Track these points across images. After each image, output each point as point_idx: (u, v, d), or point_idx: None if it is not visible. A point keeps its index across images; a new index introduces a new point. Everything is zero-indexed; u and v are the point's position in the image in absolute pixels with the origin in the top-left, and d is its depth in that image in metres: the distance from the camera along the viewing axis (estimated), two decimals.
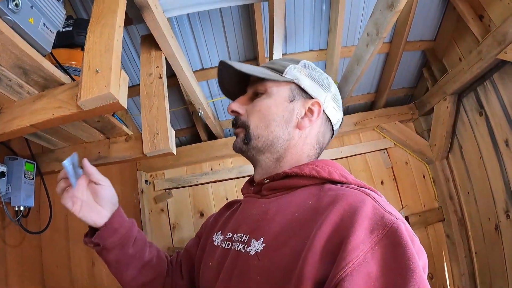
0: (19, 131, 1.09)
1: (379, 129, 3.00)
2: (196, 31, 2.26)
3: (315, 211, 0.65)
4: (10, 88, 1.07)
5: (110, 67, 0.92)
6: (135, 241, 0.95)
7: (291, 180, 0.77)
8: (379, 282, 0.51)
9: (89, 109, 0.96)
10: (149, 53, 1.59)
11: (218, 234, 0.86)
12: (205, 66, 2.57)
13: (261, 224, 0.71)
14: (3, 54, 0.91)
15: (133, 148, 1.44)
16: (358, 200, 0.61)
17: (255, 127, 0.82)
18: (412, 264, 0.50)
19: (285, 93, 0.83)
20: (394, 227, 0.55)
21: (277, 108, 0.82)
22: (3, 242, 1.39)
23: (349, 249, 0.53)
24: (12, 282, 1.38)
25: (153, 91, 1.47)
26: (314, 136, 0.85)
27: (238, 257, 0.69)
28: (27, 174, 1.42)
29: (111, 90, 0.89)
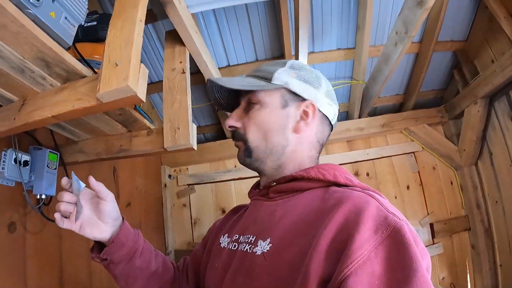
0: (41, 122, 1.12)
1: (407, 131, 2.91)
2: (222, 27, 2.25)
3: (320, 212, 0.66)
4: (33, 80, 1.10)
5: (129, 60, 0.92)
6: (142, 253, 0.96)
7: (297, 183, 0.78)
8: (382, 280, 0.52)
9: (108, 102, 0.97)
10: (173, 48, 1.59)
11: (224, 236, 0.87)
12: (231, 63, 2.55)
13: (268, 225, 0.73)
14: (25, 47, 0.93)
15: (154, 142, 1.45)
16: (363, 202, 0.63)
17: (253, 140, 0.84)
18: (415, 263, 0.51)
19: (277, 100, 0.83)
20: (397, 227, 0.56)
21: (271, 117, 0.83)
22: (24, 229, 1.43)
23: (353, 248, 0.54)
24: (31, 269, 1.42)
25: (175, 86, 1.47)
26: (313, 136, 0.86)
27: (245, 257, 0.70)
28: (50, 164, 1.45)
29: (129, 83, 0.89)
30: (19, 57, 0.98)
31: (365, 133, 2.82)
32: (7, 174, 1.30)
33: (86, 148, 1.63)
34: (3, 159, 1.31)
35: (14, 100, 1.23)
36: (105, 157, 1.56)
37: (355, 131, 2.81)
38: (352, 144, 2.91)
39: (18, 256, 1.38)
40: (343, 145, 2.90)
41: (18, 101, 1.21)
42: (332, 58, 2.50)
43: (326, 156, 2.82)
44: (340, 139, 2.83)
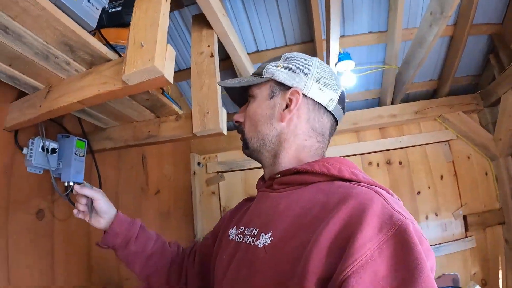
0: (66, 107, 1.09)
1: (441, 119, 2.79)
2: (250, 12, 2.20)
3: (324, 207, 0.65)
4: (57, 66, 1.07)
5: (155, 40, 0.88)
6: (136, 239, 1.09)
7: (301, 176, 0.78)
8: (385, 281, 0.51)
9: (134, 84, 0.93)
10: (200, 32, 1.54)
11: (233, 228, 0.87)
12: (260, 48, 2.51)
13: (270, 218, 0.74)
14: (47, 31, 0.90)
15: (182, 127, 1.42)
16: (367, 198, 0.61)
17: (248, 131, 0.90)
18: (420, 264, 0.50)
19: (265, 92, 0.87)
20: (402, 226, 0.55)
21: (260, 109, 0.87)
22: (52, 216, 1.43)
23: (356, 246, 0.53)
24: (58, 255, 1.42)
25: (204, 69, 1.43)
26: (304, 124, 0.85)
27: (248, 249, 0.72)
28: (77, 151, 1.44)
29: (155, 64, 0.85)
30: (42, 42, 0.95)
31: (398, 120, 2.72)
32: (34, 161, 1.29)
33: (113, 135, 1.62)
34: (31, 147, 1.30)
35: (40, 88, 1.21)
36: (133, 143, 1.54)
37: (387, 118, 2.71)
38: (384, 132, 2.82)
39: (46, 242, 1.38)
40: (375, 132, 2.81)
41: (44, 88, 1.19)
42: (364, 41, 2.41)
43: (358, 143, 2.76)
44: (372, 126, 2.74)
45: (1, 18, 0.85)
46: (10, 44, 0.96)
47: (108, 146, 1.61)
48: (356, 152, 2.76)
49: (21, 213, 1.29)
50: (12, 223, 1.24)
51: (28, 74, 1.13)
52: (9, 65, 1.08)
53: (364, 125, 2.72)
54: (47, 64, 1.06)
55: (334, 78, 0.88)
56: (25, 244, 1.28)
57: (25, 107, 1.23)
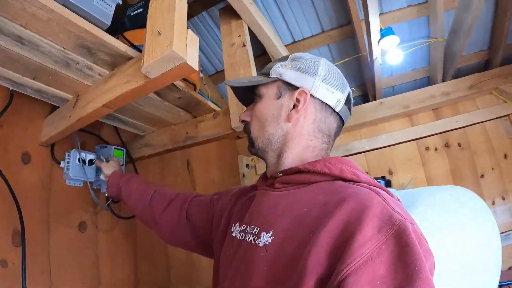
0: (93, 114, 1.06)
1: (498, 92, 2.50)
2: (281, 3, 2.10)
3: (324, 207, 0.65)
4: (80, 72, 1.04)
5: (173, 25, 0.81)
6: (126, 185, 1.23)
7: (303, 175, 0.78)
8: (384, 280, 0.51)
9: (157, 77, 0.88)
10: (229, 24, 1.47)
11: (236, 225, 0.86)
12: (296, 38, 2.40)
13: (271, 217, 0.73)
14: (61, 35, 0.87)
15: (221, 124, 1.37)
16: (367, 199, 0.61)
17: (254, 131, 0.88)
18: (419, 264, 0.50)
19: (273, 92, 0.86)
20: (402, 227, 0.55)
21: (267, 109, 0.85)
22: (95, 228, 1.42)
23: (355, 246, 0.53)
24: (104, 266, 1.42)
25: (237, 60, 1.37)
26: (310, 125, 0.83)
27: (249, 248, 0.72)
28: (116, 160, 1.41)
29: (174, 48, 0.78)
30: (60, 48, 0.92)
31: (451, 98, 2.46)
32: (72, 174, 1.27)
33: (152, 141, 1.59)
34: (67, 160, 1.29)
35: (69, 99, 1.19)
36: (171, 147, 1.51)
37: (440, 97, 2.47)
38: (438, 112, 2.56)
39: (90, 254, 1.38)
40: (428, 114, 2.57)
41: (72, 98, 1.17)
42: (403, 17, 2.22)
43: (411, 128, 2.54)
44: (425, 107, 2.50)
45: (13, 28, 0.83)
46: (29, 55, 0.94)
47: (148, 153, 1.58)
48: (410, 138, 2.54)
49: (63, 227, 1.29)
50: (54, 236, 1.24)
51: (54, 85, 1.11)
52: (33, 78, 1.06)
53: (416, 108, 2.47)
54: (69, 72, 1.03)
55: (341, 79, 0.87)
56: (67, 258, 1.27)
57: (56, 120, 1.21)
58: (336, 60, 2.45)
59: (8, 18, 0.80)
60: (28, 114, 1.25)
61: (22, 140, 1.22)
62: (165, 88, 1.18)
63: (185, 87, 1.23)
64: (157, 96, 1.23)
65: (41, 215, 1.22)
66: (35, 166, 1.24)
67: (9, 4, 0.75)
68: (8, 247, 1.08)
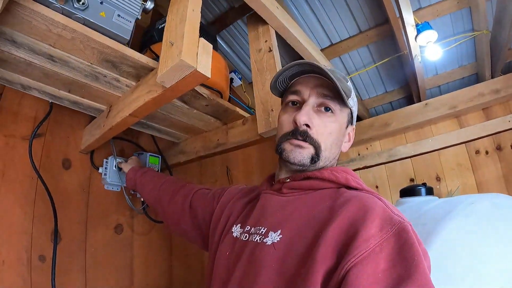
0: (122, 123, 1.13)
1: None
2: (315, 7, 2.07)
3: (330, 209, 0.70)
4: (109, 85, 1.12)
5: (182, 35, 0.85)
6: (141, 178, 1.31)
7: (310, 181, 0.81)
8: (385, 273, 0.55)
9: (173, 85, 0.92)
10: (256, 30, 1.49)
11: (237, 226, 0.88)
12: (333, 41, 2.35)
13: (279, 218, 0.76)
14: (87, 52, 0.95)
15: (249, 130, 1.37)
16: (370, 202, 0.67)
17: (325, 149, 0.83)
18: (417, 260, 0.55)
19: (345, 119, 0.88)
20: (402, 226, 0.60)
21: (339, 133, 0.86)
22: (131, 230, 1.51)
23: (360, 240, 0.58)
24: (138, 266, 1.49)
25: (264, 66, 1.37)
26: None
27: (256, 247, 0.73)
28: (151, 167, 1.49)
29: (182, 57, 0.81)
30: (87, 64, 1.00)
31: (502, 95, 2.27)
32: (109, 179, 1.37)
33: (186, 148, 1.64)
34: (105, 166, 1.38)
35: (103, 109, 1.29)
36: (203, 154, 1.54)
37: (490, 95, 2.29)
38: (489, 112, 2.37)
39: (125, 256, 1.46)
40: (478, 115, 2.39)
41: (106, 108, 1.26)
42: (444, 10, 2.09)
43: (460, 130, 2.38)
44: (474, 107, 2.32)
45: (44, 48, 0.93)
46: (61, 71, 1.03)
47: (182, 160, 1.64)
48: (459, 141, 2.37)
49: (100, 228, 1.38)
50: (91, 237, 1.34)
51: (87, 97, 1.21)
52: (69, 91, 1.17)
53: (464, 108, 2.31)
54: (99, 85, 1.11)
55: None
56: (103, 257, 1.36)
57: (93, 129, 1.31)
58: (376, 61, 2.38)
59: (38, 39, 0.89)
60: (70, 124, 1.37)
61: (63, 148, 1.34)
62: (191, 96, 1.23)
63: (210, 94, 1.26)
64: (185, 104, 1.28)
65: (80, 217, 1.33)
66: (75, 172, 1.35)
67: (36, 27, 0.84)
68: (47, 244, 1.19)
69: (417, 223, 1.12)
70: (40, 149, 1.26)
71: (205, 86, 1.27)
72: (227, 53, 2.47)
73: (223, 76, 1.42)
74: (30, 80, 1.10)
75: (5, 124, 1.19)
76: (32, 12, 0.79)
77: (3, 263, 1.10)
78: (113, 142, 1.41)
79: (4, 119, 1.19)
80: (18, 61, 0.98)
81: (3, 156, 1.17)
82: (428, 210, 1.29)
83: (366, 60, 2.41)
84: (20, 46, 0.91)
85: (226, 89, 1.43)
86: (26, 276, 1.14)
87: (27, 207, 1.19)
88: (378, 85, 2.69)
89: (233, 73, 2.41)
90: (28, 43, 0.90)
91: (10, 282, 1.10)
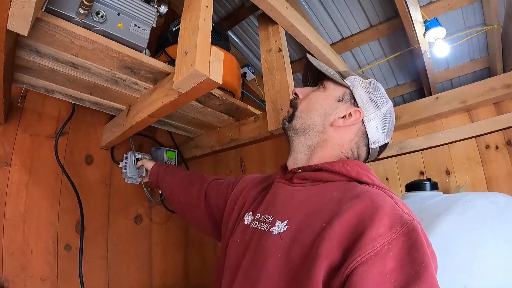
0: (142, 123, 1.21)
1: None
2: (325, 2, 2.09)
3: (339, 201, 0.69)
4: (128, 88, 1.20)
5: (196, 45, 0.91)
6: (164, 176, 1.36)
7: (321, 173, 0.82)
8: (392, 274, 0.54)
9: (188, 91, 0.98)
10: (266, 30, 1.53)
11: (249, 214, 0.90)
12: (344, 35, 2.37)
13: (287, 208, 0.78)
14: (107, 60, 1.02)
15: (260, 127, 1.43)
16: (380, 199, 0.65)
17: (301, 110, 0.92)
18: (425, 261, 0.54)
19: (338, 93, 0.91)
20: (411, 226, 0.59)
21: (324, 102, 0.90)
22: (150, 220, 1.62)
23: (367, 239, 0.57)
24: (156, 254, 1.60)
25: (274, 66, 1.42)
26: (347, 141, 0.88)
27: (262, 235, 0.75)
28: (168, 161, 1.57)
29: (196, 67, 0.87)
30: (108, 70, 1.07)
31: None
32: (129, 173, 1.46)
33: (201, 143, 1.72)
34: (125, 160, 1.47)
35: (123, 109, 1.37)
36: (218, 149, 1.61)
37: (501, 90, 2.27)
38: (500, 106, 2.34)
39: (144, 244, 1.57)
40: (489, 109, 2.38)
41: (125, 108, 1.35)
42: (455, 4, 2.07)
43: (470, 124, 2.38)
44: (485, 101, 2.31)
45: (67, 57, 1.01)
46: (83, 76, 1.11)
47: (197, 154, 1.72)
48: (469, 135, 2.36)
49: (121, 219, 1.49)
50: (112, 227, 1.45)
51: (108, 98, 1.29)
52: (90, 94, 1.25)
53: (475, 102, 2.30)
54: (119, 88, 1.19)
55: (391, 127, 0.93)
56: (123, 246, 1.47)
57: (114, 127, 1.40)
58: (388, 54, 2.39)
59: (61, 50, 0.96)
60: (91, 122, 1.46)
61: (86, 144, 1.43)
62: (205, 97, 1.30)
63: (223, 94, 1.33)
64: (199, 104, 1.35)
65: (102, 208, 1.43)
66: (97, 166, 1.45)
67: (59, 39, 0.91)
68: (72, 234, 1.30)
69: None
70: (64, 146, 1.36)
71: (219, 88, 1.33)
72: (239, 47, 2.52)
73: (235, 76, 1.48)
74: (53, 84, 1.19)
75: (30, 124, 1.30)
76: (55, 27, 0.86)
77: (31, 252, 1.20)
78: (132, 139, 1.50)
79: (29, 120, 1.30)
80: (43, 69, 1.06)
81: (30, 154, 1.28)
82: (428, 206, 1.33)
83: (377, 54, 2.43)
84: (44, 55, 0.99)
85: (238, 88, 1.49)
86: (53, 264, 1.25)
87: (53, 201, 1.30)
88: (389, 78, 2.70)
89: (246, 67, 2.45)
90: (52, 53, 0.98)
91: (38, 270, 1.21)
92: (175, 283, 1.66)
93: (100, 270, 1.36)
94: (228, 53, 1.48)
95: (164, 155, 1.57)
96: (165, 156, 1.57)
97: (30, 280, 1.18)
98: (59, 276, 1.25)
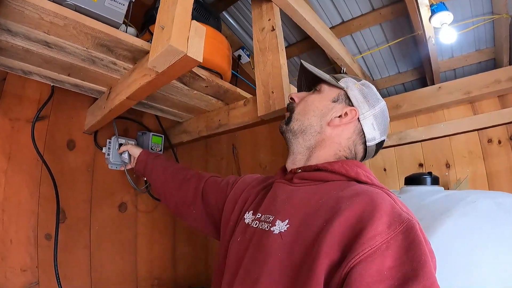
0: (121, 105, 1.15)
1: None
2: None
3: (339, 200, 0.70)
4: (107, 68, 1.13)
5: (173, 19, 0.84)
6: (151, 164, 1.34)
7: (321, 173, 0.83)
8: (391, 272, 0.55)
9: (165, 70, 0.92)
10: (260, 7, 1.44)
11: (249, 213, 0.91)
12: (345, 18, 2.28)
13: (287, 207, 0.78)
14: (81, 37, 0.95)
15: (250, 112, 1.35)
16: (379, 198, 0.66)
17: (298, 112, 0.94)
18: (423, 259, 0.55)
19: (333, 95, 0.93)
20: (410, 225, 0.60)
21: (319, 103, 0.93)
22: (135, 208, 1.56)
23: (366, 237, 0.58)
24: (141, 243, 1.56)
25: (266, 46, 1.33)
26: (344, 140, 0.90)
27: (263, 235, 0.76)
28: (154, 146, 1.52)
29: (171, 43, 0.81)
30: (83, 48, 1.01)
31: None
32: (112, 159, 1.40)
33: (189, 128, 1.65)
34: (108, 146, 1.42)
35: (104, 91, 1.30)
36: (206, 134, 1.54)
37: (506, 82, 2.17)
38: (505, 100, 2.26)
39: (129, 232, 1.52)
40: (493, 102, 2.29)
41: (106, 90, 1.28)
42: None
43: (473, 117, 2.30)
44: (489, 94, 2.23)
45: (39, 35, 0.95)
46: (58, 56, 1.05)
47: (185, 139, 1.65)
48: (471, 128, 2.29)
49: (105, 206, 1.44)
50: (95, 215, 1.40)
51: (88, 80, 1.23)
52: (68, 75, 1.19)
53: (479, 94, 2.24)
54: (97, 68, 1.12)
55: (386, 125, 0.96)
56: (107, 234, 1.43)
57: (95, 110, 1.34)
58: (390, 40, 2.30)
59: (32, 27, 0.90)
60: (73, 105, 1.40)
61: (68, 129, 1.37)
62: (189, 78, 1.22)
63: (209, 76, 1.25)
64: (184, 85, 1.28)
65: (85, 196, 1.38)
66: (79, 152, 1.39)
67: (28, 16, 0.85)
68: (53, 223, 1.23)
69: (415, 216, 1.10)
70: (45, 130, 1.30)
71: (204, 68, 1.26)
72: (235, 29, 2.44)
73: (224, 56, 1.40)
74: (30, 65, 1.13)
75: (10, 107, 1.23)
76: (23, 2, 0.80)
77: (11, 242, 1.16)
78: (116, 122, 1.43)
79: (9, 103, 1.23)
80: (16, 49, 1.01)
81: (9, 139, 1.22)
82: (429, 203, 1.27)
83: (379, 39, 2.33)
84: (15, 34, 0.93)
85: (227, 70, 1.41)
86: (33, 254, 1.20)
87: (33, 188, 1.25)
88: (390, 65, 2.61)
89: (241, 49, 2.38)
90: (23, 31, 0.92)
91: (18, 260, 1.16)
92: (162, 272, 1.62)
93: (82, 260, 1.32)
94: (218, 32, 1.40)
95: (150, 140, 1.52)
96: (150, 141, 1.51)
97: (10, 270, 1.14)
98: (40, 266, 1.21)
